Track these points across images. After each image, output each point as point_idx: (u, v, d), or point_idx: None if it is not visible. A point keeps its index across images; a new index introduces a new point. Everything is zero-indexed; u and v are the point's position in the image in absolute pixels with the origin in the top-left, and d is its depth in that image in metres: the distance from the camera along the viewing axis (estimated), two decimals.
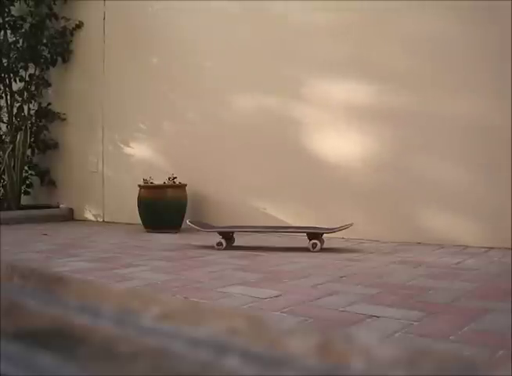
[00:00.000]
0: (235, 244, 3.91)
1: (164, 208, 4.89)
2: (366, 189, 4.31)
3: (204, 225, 4.20)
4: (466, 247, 3.79)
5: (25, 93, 6.32)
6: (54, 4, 6.23)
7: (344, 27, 4.44)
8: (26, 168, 6.38)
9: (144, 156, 5.69)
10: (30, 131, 6.17)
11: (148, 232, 4.90)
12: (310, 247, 3.65)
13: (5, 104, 6.34)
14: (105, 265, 3.07)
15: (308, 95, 4.61)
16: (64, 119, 6.34)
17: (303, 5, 4.62)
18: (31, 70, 6.31)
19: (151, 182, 5.06)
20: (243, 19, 5.01)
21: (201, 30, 5.23)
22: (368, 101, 4.31)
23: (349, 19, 4.41)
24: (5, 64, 6.20)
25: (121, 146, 5.90)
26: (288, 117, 4.70)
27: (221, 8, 5.10)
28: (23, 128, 6.06)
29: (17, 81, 6.30)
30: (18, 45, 6.22)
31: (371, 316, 1.94)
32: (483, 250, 3.66)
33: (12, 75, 6.28)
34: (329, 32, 4.50)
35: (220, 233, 3.84)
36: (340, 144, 4.44)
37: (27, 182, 6.48)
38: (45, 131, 6.40)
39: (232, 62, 5.05)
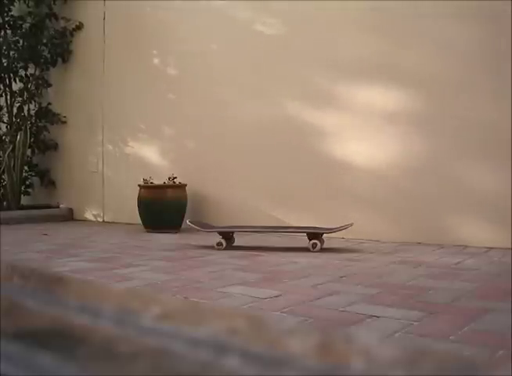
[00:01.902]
0: (235, 244, 3.91)
1: (164, 208, 4.89)
2: (366, 190, 4.31)
3: (204, 225, 4.20)
4: (466, 247, 3.79)
5: (25, 93, 6.32)
6: (54, 4, 6.23)
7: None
8: (26, 168, 6.38)
9: (144, 156, 5.70)
10: (30, 132, 6.17)
11: (148, 232, 4.90)
12: (310, 247, 3.65)
13: (5, 104, 6.34)
14: (105, 265, 3.07)
15: (309, 94, 4.61)
16: (65, 122, 6.34)
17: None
18: (31, 70, 6.31)
19: (151, 182, 5.06)
20: (243, 18, 5.01)
21: (201, 30, 5.23)
22: (372, 101, 4.31)
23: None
24: (5, 64, 6.20)
25: (121, 146, 5.90)
26: (288, 117, 4.70)
27: (221, 8, 5.10)
28: (23, 128, 6.06)
29: (17, 81, 6.30)
30: (18, 45, 6.22)
31: (371, 316, 1.94)
32: (483, 250, 3.66)
33: (12, 75, 6.29)
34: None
35: (220, 233, 3.84)
36: (341, 144, 4.44)
37: (27, 182, 6.48)
38: (44, 132, 6.40)
39: (233, 62, 5.05)
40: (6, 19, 6.20)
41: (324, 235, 3.77)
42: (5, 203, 6.15)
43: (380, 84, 4.25)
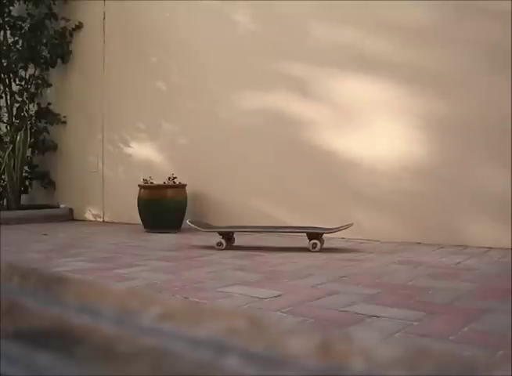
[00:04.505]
0: (235, 244, 3.91)
1: (164, 208, 4.89)
2: (367, 190, 4.31)
3: (204, 225, 4.20)
4: (467, 247, 3.79)
5: (25, 93, 6.32)
6: (54, 4, 6.22)
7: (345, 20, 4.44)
8: (26, 168, 6.37)
9: (144, 156, 5.69)
10: (30, 132, 6.17)
11: (148, 232, 4.89)
12: (310, 247, 3.65)
13: (4, 104, 6.34)
14: (105, 265, 3.07)
15: (309, 93, 4.61)
16: (64, 122, 6.34)
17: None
18: (31, 71, 6.31)
19: (151, 182, 5.06)
20: (243, 16, 5.01)
21: (201, 29, 5.23)
22: (371, 97, 4.31)
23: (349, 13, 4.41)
24: (5, 64, 6.20)
25: (121, 146, 5.90)
26: (289, 116, 4.70)
27: (221, 8, 5.10)
28: (23, 128, 6.06)
29: (17, 81, 6.30)
30: (18, 46, 6.22)
31: (371, 316, 1.94)
32: (483, 250, 3.66)
33: (12, 75, 6.28)
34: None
35: (220, 233, 3.84)
36: (342, 144, 4.44)
37: (27, 182, 6.48)
38: (44, 133, 6.40)
39: (232, 60, 5.05)
40: (6, 19, 6.20)
41: (324, 235, 3.77)
42: (5, 203, 6.15)
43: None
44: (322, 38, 4.53)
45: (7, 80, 6.28)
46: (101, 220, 6.10)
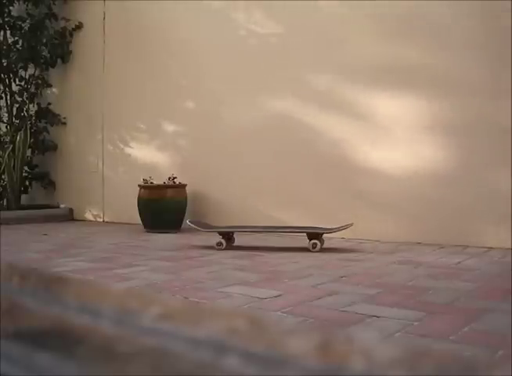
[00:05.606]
0: (235, 244, 3.91)
1: (164, 208, 4.89)
2: (366, 190, 4.31)
3: (204, 225, 4.20)
4: (467, 247, 3.79)
5: (25, 93, 6.32)
6: (54, 4, 6.22)
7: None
8: (26, 168, 6.37)
9: (144, 156, 5.69)
10: (30, 132, 6.17)
11: (148, 232, 4.89)
12: (310, 247, 3.65)
13: (4, 104, 6.34)
14: (105, 265, 3.07)
15: (309, 94, 4.61)
16: (64, 123, 6.34)
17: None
18: (31, 71, 6.31)
19: (151, 182, 5.06)
20: (243, 17, 5.01)
21: (202, 30, 5.23)
22: (370, 97, 4.31)
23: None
24: (5, 64, 6.20)
25: (121, 146, 5.90)
26: (289, 116, 4.70)
27: (221, 8, 5.10)
28: (23, 128, 6.06)
29: (17, 81, 6.30)
30: (18, 46, 6.22)
31: (371, 316, 1.94)
32: (483, 250, 3.66)
33: (12, 75, 6.28)
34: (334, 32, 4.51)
35: (220, 233, 3.84)
36: (341, 143, 4.44)
37: (27, 182, 6.48)
38: (44, 133, 6.40)
39: (232, 62, 5.05)
40: (6, 19, 6.20)
41: (324, 235, 3.77)
42: (5, 203, 6.15)
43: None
44: (321, 38, 4.53)
45: (7, 80, 6.28)
46: (101, 220, 6.10)
